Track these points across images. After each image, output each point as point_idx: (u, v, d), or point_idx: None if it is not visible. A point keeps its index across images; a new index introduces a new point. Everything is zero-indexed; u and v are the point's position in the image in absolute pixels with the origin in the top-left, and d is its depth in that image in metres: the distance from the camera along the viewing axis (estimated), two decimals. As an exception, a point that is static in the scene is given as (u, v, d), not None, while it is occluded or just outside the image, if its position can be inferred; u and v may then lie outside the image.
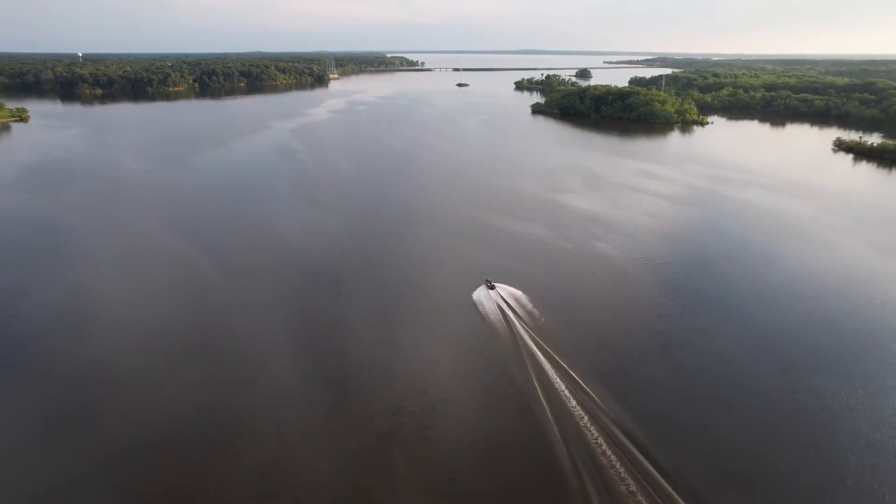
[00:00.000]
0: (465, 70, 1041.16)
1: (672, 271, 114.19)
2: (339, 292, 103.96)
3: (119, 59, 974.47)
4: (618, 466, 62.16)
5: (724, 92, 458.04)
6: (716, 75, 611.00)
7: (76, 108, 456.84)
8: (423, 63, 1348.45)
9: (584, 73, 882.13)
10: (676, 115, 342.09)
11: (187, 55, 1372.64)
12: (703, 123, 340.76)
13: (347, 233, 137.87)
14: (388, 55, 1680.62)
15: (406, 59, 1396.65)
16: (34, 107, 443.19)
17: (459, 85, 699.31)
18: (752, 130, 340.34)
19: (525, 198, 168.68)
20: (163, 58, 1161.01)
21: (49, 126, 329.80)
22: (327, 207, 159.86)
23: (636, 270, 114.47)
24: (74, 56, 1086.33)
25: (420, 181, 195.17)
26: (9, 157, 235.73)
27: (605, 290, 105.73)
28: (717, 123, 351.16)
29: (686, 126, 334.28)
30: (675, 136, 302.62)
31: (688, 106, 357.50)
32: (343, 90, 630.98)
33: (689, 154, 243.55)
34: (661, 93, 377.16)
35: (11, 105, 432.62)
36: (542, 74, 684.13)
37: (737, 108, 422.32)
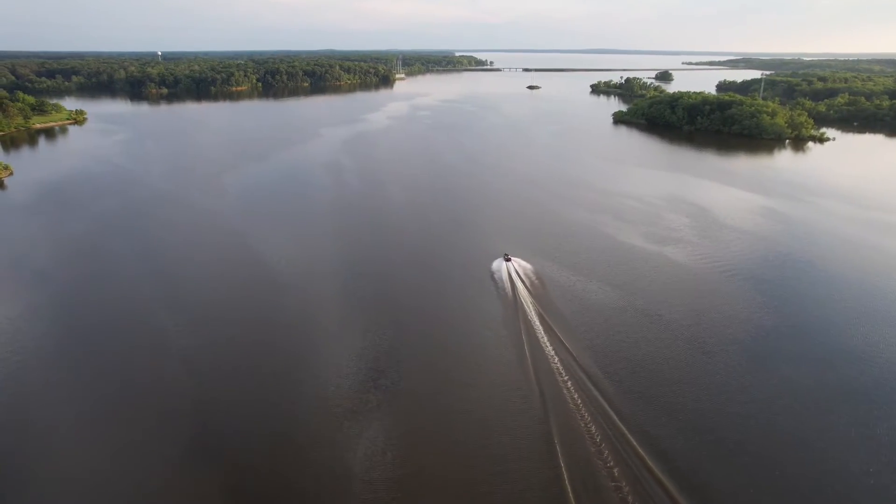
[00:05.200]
0: (535, 70, 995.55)
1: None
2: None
3: (194, 58, 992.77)
4: (583, 411, 70.10)
5: (840, 100, 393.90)
6: (822, 79, 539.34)
7: (136, 109, 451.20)
8: (491, 62, 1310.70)
9: (664, 76, 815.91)
10: (789, 130, 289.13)
11: (259, 53, 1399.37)
12: (821, 140, 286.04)
13: (373, 293, 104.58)
14: (457, 54, 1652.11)
15: (474, 59, 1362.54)
16: (99, 107, 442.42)
17: (530, 87, 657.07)
18: (889, 148, 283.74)
19: (620, 250, 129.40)
20: (236, 56, 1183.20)
21: (101, 130, 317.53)
22: (357, 252, 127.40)
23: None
24: (154, 55, 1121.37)
25: (479, 215, 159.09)
26: (37, 170, 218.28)
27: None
28: (838, 139, 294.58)
29: (799, 143, 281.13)
30: (790, 158, 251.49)
31: (802, 118, 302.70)
32: (407, 92, 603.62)
33: (819, 184, 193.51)
34: (770, 103, 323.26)
35: (82, 104, 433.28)
36: (620, 77, 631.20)
37: (858, 120, 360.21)
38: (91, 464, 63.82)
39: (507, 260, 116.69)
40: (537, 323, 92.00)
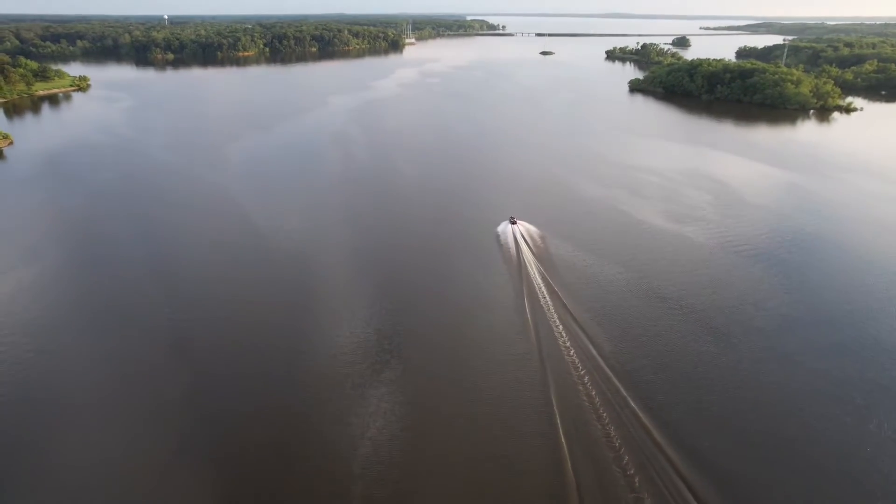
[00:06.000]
0: (548, 35, 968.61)
1: None
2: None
3: (201, 22, 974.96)
4: (579, 366, 72.88)
5: (868, 67, 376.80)
6: (849, 45, 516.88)
7: (141, 75, 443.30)
8: (504, 27, 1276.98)
9: (682, 42, 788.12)
10: (814, 100, 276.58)
11: (268, 17, 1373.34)
12: (848, 110, 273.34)
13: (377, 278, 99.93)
14: (468, 18, 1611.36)
15: (486, 23, 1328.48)
16: (103, 73, 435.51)
17: (543, 53, 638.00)
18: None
19: (639, 228, 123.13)
20: (244, 20, 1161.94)
21: (104, 98, 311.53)
22: (361, 227, 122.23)
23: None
24: (160, 19, 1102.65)
25: (488, 186, 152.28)
26: (38, 140, 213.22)
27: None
28: (866, 109, 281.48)
29: (825, 113, 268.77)
30: (815, 129, 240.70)
31: (828, 87, 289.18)
32: (417, 57, 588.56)
33: (847, 158, 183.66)
34: (794, 70, 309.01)
35: (87, 70, 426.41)
36: (636, 43, 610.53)
37: (886, 88, 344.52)
38: (86, 452, 60.93)
39: (513, 223, 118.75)
40: (539, 282, 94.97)
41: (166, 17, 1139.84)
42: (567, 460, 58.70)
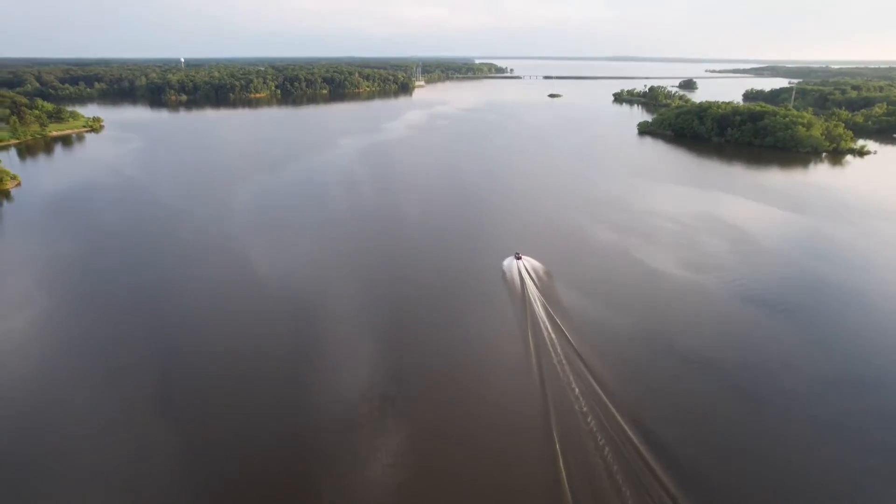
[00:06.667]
0: (556, 78, 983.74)
1: None
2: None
3: (215, 64, 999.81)
4: (578, 394, 74.34)
5: (879, 110, 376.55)
6: (856, 87, 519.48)
7: (154, 116, 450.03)
8: (511, 70, 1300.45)
9: (688, 84, 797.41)
10: (827, 143, 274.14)
11: (281, 59, 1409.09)
12: (862, 153, 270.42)
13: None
14: (477, 61, 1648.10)
15: (494, 66, 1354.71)
16: (117, 114, 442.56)
17: (551, 95, 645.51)
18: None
19: (649, 272, 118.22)
20: (256, 62, 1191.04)
21: (115, 138, 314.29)
22: (369, 263, 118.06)
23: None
24: (177, 61, 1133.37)
25: (496, 228, 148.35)
26: (45, 181, 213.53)
27: None
28: (879, 152, 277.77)
29: (838, 156, 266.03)
30: (829, 172, 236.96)
31: (839, 130, 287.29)
32: (427, 99, 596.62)
33: (864, 201, 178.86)
34: (804, 113, 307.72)
35: (102, 111, 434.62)
36: (644, 85, 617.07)
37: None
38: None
39: (518, 258, 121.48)
40: (543, 316, 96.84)
41: (182, 59, 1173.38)
42: (567, 492, 59.49)
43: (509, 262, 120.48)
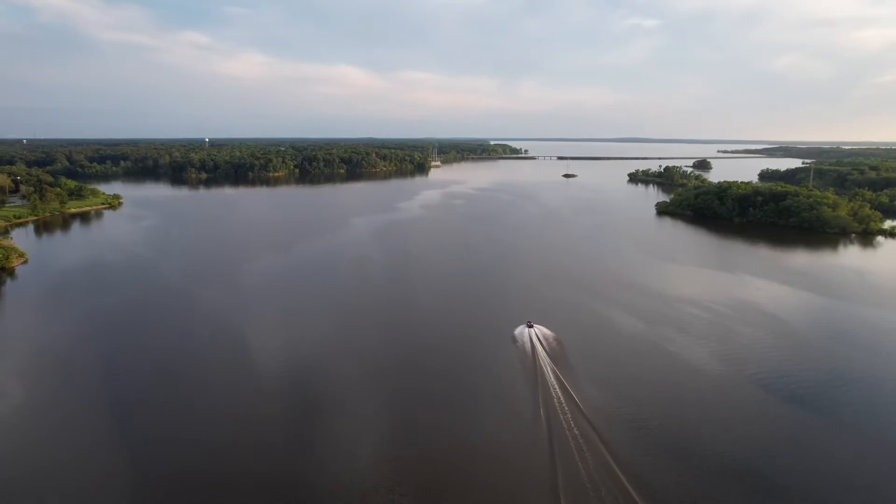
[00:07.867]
0: (570, 159, 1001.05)
1: None
2: None
3: (238, 144, 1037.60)
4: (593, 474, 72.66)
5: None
6: (874, 168, 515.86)
7: (173, 193, 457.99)
8: (526, 151, 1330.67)
9: (703, 164, 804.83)
10: (855, 224, 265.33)
11: (302, 140, 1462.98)
12: (893, 234, 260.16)
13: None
14: (492, 142, 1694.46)
15: (509, 147, 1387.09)
16: (138, 192, 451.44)
17: (566, 175, 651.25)
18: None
19: (674, 360, 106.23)
20: (279, 142, 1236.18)
21: (131, 216, 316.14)
22: (383, 336, 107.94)
23: None
24: (202, 141, 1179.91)
25: (512, 315, 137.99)
26: (52, 258, 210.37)
27: None
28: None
29: (868, 237, 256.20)
30: (861, 254, 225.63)
31: (866, 210, 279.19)
32: (442, 179, 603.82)
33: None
34: (828, 193, 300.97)
35: (124, 188, 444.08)
36: (658, 166, 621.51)
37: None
38: None
39: (530, 326, 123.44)
40: (552, 379, 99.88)
41: (207, 139, 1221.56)
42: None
43: (521, 330, 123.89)
